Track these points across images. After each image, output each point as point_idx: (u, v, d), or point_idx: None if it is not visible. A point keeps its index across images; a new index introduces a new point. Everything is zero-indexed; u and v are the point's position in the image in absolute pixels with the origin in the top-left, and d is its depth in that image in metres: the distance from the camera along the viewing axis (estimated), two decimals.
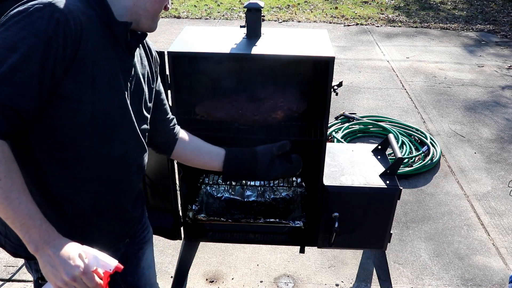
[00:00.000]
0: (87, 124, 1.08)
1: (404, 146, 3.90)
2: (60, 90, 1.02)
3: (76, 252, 1.01)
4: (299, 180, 2.37)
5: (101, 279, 1.02)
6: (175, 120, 1.53)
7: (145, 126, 1.29)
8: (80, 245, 1.04)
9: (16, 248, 1.19)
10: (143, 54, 1.30)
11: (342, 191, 2.02)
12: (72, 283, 0.98)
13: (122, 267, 1.05)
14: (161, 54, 1.81)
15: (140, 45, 1.28)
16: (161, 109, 1.44)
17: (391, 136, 2.26)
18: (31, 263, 1.25)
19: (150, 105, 1.32)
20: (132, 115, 1.20)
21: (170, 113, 1.50)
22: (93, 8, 1.08)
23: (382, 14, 8.36)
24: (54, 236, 1.02)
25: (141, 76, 1.25)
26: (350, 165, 2.18)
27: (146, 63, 1.30)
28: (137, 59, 1.24)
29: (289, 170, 1.63)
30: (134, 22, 1.15)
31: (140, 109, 1.25)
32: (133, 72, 1.20)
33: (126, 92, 1.17)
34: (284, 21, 7.82)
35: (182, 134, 1.55)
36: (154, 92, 1.36)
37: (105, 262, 1.03)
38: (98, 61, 1.07)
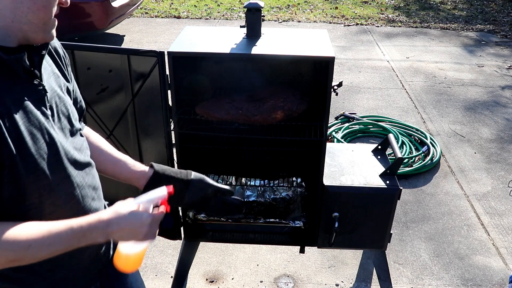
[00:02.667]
0: (27, 183, 0.97)
1: (404, 146, 3.90)
2: None
3: (132, 209, 1.05)
4: (299, 180, 2.37)
5: (164, 207, 1.13)
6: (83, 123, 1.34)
7: (80, 140, 1.16)
8: (126, 201, 1.08)
9: None
10: (50, 61, 1.11)
11: (342, 191, 2.02)
12: (150, 230, 1.07)
13: (171, 188, 1.14)
14: (161, 54, 1.81)
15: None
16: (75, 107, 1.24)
17: (391, 136, 2.26)
18: None
19: (76, 113, 1.18)
20: (65, 145, 1.07)
21: (83, 109, 1.31)
22: None
23: (382, 14, 8.36)
24: (103, 217, 1.03)
25: (58, 90, 1.09)
26: (350, 165, 2.19)
27: (56, 70, 1.13)
28: (45, 74, 1.06)
29: (222, 212, 1.44)
30: (22, 40, 0.98)
31: (71, 125, 1.12)
32: (49, 93, 1.04)
33: (49, 124, 1.02)
34: (284, 21, 7.82)
35: (94, 139, 1.32)
36: (73, 94, 1.21)
37: (157, 196, 1.11)
38: (5, 113, 0.92)
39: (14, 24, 0.95)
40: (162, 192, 1.13)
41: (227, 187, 1.38)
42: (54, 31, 1.04)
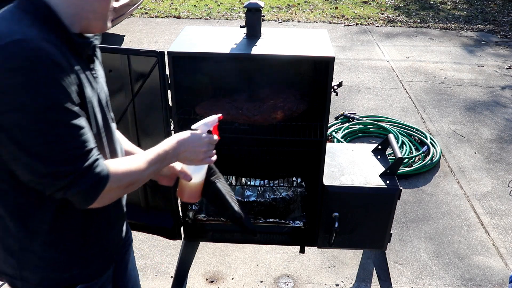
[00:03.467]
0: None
1: (404, 146, 3.90)
2: None
3: (192, 132, 1.27)
4: (299, 180, 2.37)
5: (215, 133, 1.34)
6: None
7: (115, 126, 1.29)
8: (185, 132, 1.28)
9: None
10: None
11: (342, 191, 2.02)
12: (208, 151, 1.30)
13: (221, 115, 1.35)
14: (161, 54, 1.81)
15: None
16: None
17: (391, 136, 2.26)
18: None
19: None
20: (112, 125, 1.22)
21: None
22: (49, 29, 1.00)
23: (382, 14, 8.36)
24: (173, 142, 1.23)
25: (101, 78, 1.22)
26: (350, 165, 2.19)
27: (100, 58, 1.26)
28: (96, 63, 1.19)
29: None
30: (84, 28, 1.09)
31: (109, 110, 1.24)
32: (97, 80, 1.17)
33: (102, 103, 1.16)
34: (284, 21, 7.82)
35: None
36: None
37: (211, 120, 1.31)
38: (82, 84, 1.04)
39: (81, 12, 1.05)
40: (214, 117, 1.32)
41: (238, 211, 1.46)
42: (110, 22, 1.15)
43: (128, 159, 1.15)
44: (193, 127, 1.30)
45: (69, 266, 1.18)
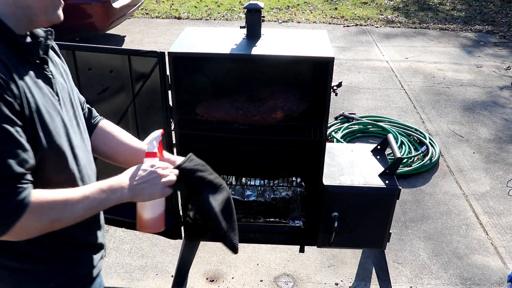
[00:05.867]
0: (47, 158, 1.03)
1: (403, 146, 3.92)
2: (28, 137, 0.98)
3: (137, 167, 1.14)
4: (299, 179, 2.38)
5: (160, 150, 1.24)
6: (90, 109, 1.37)
7: (81, 126, 1.21)
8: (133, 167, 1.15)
9: None
10: (50, 51, 1.14)
11: (342, 191, 2.03)
12: (163, 176, 1.14)
13: (162, 130, 1.25)
14: (162, 54, 1.82)
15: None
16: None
17: (390, 136, 2.27)
18: None
19: (79, 104, 1.25)
20: (72, 128, 1.13)
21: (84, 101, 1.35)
22: None
23: (381, 15, 8.37)
24: (120, 182, 1.10)
25: (59, 77, 1.15)
26: (349, 165, 2.20)
27: (55, 58, 1.18)
28: (50, 62, 1.12)
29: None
30: (29, 25, 1.03)
31: (73, 110, 1.18)
32: (53, 81, 1.09)
33: (59, 107, 1.09)
34: (284, 21, 7.84)
35: (114, 130, 1.37)
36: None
37: (154, 137, 1.21)
38: (27, 90, 0.98)
39: (17, 10, 0.98)
40: (156, 133, 1.22)
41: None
42: (60, 12, 1.06)
43: (62, 191, 1.02)
44: (145, 141, 1.21)
45: (49, 277, 1.15)
